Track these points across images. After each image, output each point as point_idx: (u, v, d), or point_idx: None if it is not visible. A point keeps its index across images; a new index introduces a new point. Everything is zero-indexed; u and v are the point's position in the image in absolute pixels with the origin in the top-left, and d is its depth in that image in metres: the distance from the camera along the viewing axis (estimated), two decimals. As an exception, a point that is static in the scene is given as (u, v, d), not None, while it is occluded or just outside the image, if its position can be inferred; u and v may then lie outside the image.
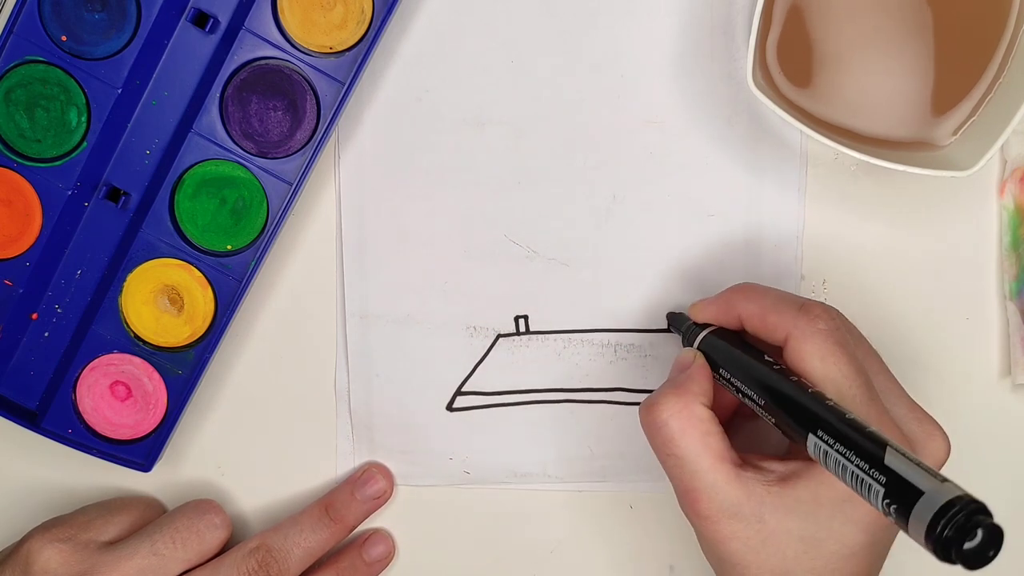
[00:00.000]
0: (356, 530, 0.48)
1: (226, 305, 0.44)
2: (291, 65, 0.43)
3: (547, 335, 0.47)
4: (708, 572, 0.41)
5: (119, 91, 0.43)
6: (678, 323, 0.45)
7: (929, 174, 0.41)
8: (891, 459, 0.32)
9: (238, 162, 0.44)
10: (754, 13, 0.41)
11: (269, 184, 0.44)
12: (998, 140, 0.41)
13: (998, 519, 0.48)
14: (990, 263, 0.47)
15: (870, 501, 0.32)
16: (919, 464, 0.31)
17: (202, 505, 0.46)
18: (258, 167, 0.44)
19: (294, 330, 0.47)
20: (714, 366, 0.41)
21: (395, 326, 0.47)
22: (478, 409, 0.47)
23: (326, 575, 0.46)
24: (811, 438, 0.35)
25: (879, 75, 0.43)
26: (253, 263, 0.44)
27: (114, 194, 0.44)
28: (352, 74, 0.43)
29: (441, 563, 0.49)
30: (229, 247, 0.44)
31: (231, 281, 0.44)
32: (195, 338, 0.45)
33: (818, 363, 0.37)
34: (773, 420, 0.38)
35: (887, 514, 0.31)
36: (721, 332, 0.42)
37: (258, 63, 0.43)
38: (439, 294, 0.47)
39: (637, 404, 0.47)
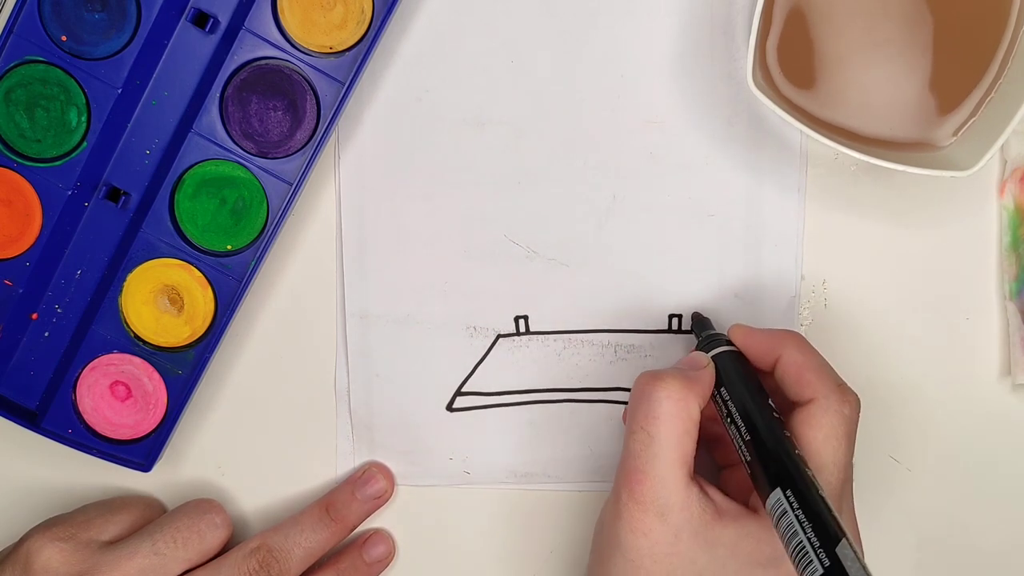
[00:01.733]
0: (356, 530, 0.48)
1: (226, 305, 0.44)
2: (291, 65, 0.43)
3: (547, 335, 0.47)
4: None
5: (119, 91, 0.43)
6: (701, 326, 0.45)
7: (929, 174, 0.41)
8: (843, 550, 0.33)
9: (238, 162, 0.44)
10: (754, 13, 0.41)
11: (269, 184, 0.44)
12: (998, 140, 0.41)
13: (998, 518, 0.48)
14: (990, 263, 0.47)
15: (800, 574, 0.34)
16: (865, 568, 0.33)
17: (203, 504, 0.46)
18: (258, 167, 0.44)
19: (294, 330, 0.47)
20: (717, 383, 0.41)
21: (395, 326, 0.47)
22: (478, 409, 0.47)
23: (327, 575, 0.46)
24: (777, 492, 0.36)
25: (879, 75, 0.43)
26: (253, 263, 0.44)
27: (114, 194, 0.44)
28: (352, 74, 0.43)
29: (441, 563, 0.49)
30: (229, 247, 0.44)
31: (231, 281, 0.44)
32: (195, 338, 0.45)
33: (821, 437, 0.38)
34: (748, 458, 0.38)
35: None
36: (740, 358, 0.42)
37: (258, 63, 0.43)
38: (439, 294, 0.47)
39: (637, 404, 0.47)
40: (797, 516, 0.35)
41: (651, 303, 0.47)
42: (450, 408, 0.47)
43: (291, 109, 0.44)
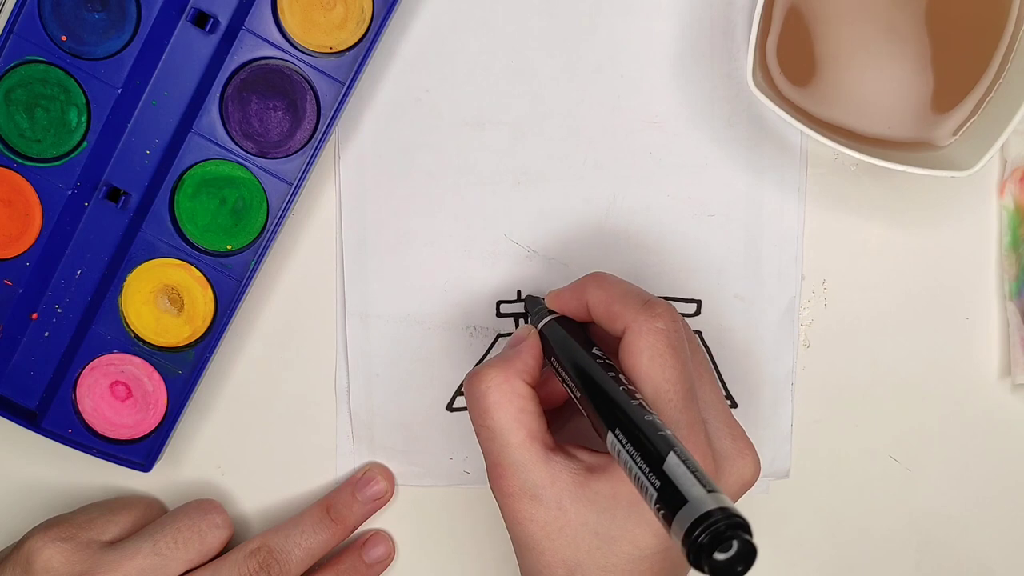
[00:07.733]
0: (356, 531, 0.48)
1: (226, 305, 0.44)
2: (291, 65, 0.43)
3: (547, 335, 0.47)
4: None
5: (119, 91, 0.43)
6: (532, 304, 0.44)
7: (929, 174, 0.41)
8: (670, 465, 0.32)
9: (238, 162, 0.44)
10: (754, 13, 0.41)
11: (269, 184, 0.44)
12: (998, 140, 0.41)
13: (998, 518, 0.48)
14: (990, 263, 0.47)
15: (648, 504, 0.33)
16: (695, 473, 0.32)
17: (204, 505, 0.46)
18: (258, 167, 0.44)
19: (294, 330, 0.47)
20: (548, 352, 0.40)
21: (395, 326, 0.47)
22: (478, 409, 0.47)
23: None
24: (609, 435, 0.35)
25: (879, 75, 0.43)
26: (253, 263, 0.44)
27: (114, 194, 0.44)
28: (352, 74, 0.43)
29: (441, 563, 0.49)
30: (229, 247, 0.44)
31: (231, 281, 0.44)
32: (195, 338, 0.45)
33: (646, 360, 0.37)
34: (585, 412, 0.38)
35: (657, 517, 0.32)
36: (565, 321, 0.41)
37: (258, 63, 0.43)
38: (439, 294, 0.47)
39: (637, 404, 0.47)
40: (627, 449, 0.34)
41: (651, 303, 0.47)
42: (450, 408, 0.47)
43: (291, 109, 0.44)
